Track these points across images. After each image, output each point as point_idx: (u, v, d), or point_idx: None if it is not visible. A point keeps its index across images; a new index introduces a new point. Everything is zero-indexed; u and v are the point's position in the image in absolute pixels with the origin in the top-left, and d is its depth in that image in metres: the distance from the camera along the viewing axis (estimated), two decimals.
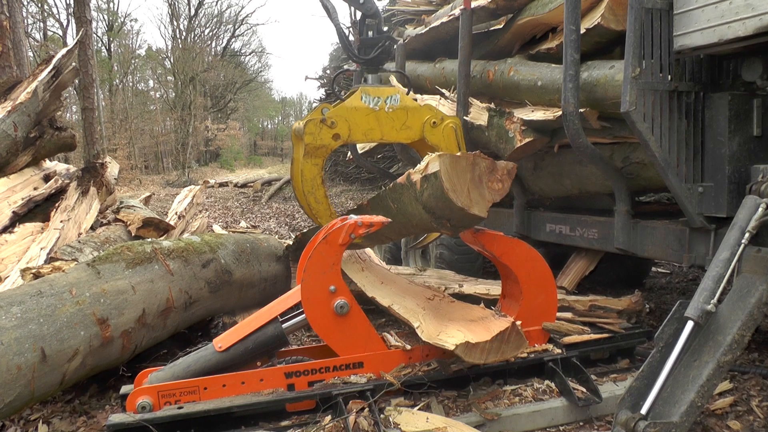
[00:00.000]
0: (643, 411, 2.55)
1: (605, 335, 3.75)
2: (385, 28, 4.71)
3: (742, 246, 2.78)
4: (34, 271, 3.85)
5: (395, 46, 6.72)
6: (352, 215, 3.38)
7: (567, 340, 3.61)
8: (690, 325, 2.67)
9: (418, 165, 3.38)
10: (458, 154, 3.13)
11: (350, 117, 4.40)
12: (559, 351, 3.54)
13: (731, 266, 2.75)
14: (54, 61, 6.37)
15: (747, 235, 2.79)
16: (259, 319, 3.35)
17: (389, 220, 3.45)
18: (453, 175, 3.07)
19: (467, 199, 3.09)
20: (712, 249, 3.64)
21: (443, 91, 6.06)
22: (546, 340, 3.67)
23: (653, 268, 6.85)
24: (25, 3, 28.06)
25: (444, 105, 5.94)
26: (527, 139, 4.75)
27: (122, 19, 37.92)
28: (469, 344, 3.06)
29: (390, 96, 4.55)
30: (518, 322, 3.25)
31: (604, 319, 3.99)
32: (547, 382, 3.42)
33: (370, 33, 4.66)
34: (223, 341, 3.27)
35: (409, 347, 3.42)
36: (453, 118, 4.76)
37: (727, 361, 2.57)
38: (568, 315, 4.00)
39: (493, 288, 4.68)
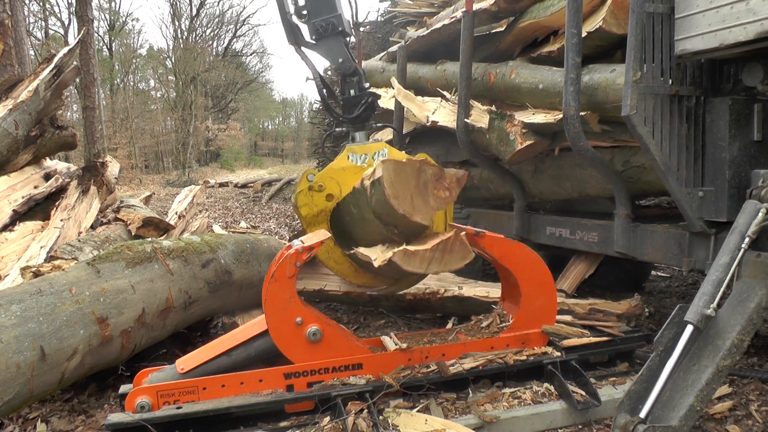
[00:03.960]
0: (642, 414, 2.55)
1: (605, 338, 3.75)
2: (367, 85, 4.67)
3: (742, 251, 2.78)
4: (33, 269, 3.86)
5: (397, 48, 6.74)
6: (294, 240, 3.36)
7: (566, 343, 3.61)
8: (689, 329, 2.67)
9: (369, 170, 3.36)
10: (404, 160, 3.12)
11: (338, 177, 4.30)
12: (559, 354, 3.54)
13: (731, 271, 2.75)
14: (55, 59, 6.37)
15: (747, 239, 2.79)
16: (223, 344, 3.33)
17: (329, 235, 3.46)
18: (396, 181, 3.07)
19: (410, 207, 3.09)
20: (712, 253, 3.65)
21: (444, 93, 6.07)
22: (545, 342, 3.67)
23: (653, 272, 6.85)
24: (27, 1, 28.08)
25: (445, 107, 5.95)
26: (528, 142, 4.75)
27: (124, 19, 37.99)
28: (407, 251, 3.04)
29: (377, 151, 4.46)
30: (462, 233, 3.19)
31: (604, 322, 3.99)
32: (546, 384, 3.42)
33: (352, 91, 4.62)
34: (185, 363, 3.25)
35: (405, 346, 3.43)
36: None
37: (727, 365, 2.57)
38: (568, 318, 4.00)
39: (493, 290, 4.68)
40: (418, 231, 3.31)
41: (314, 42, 4.62)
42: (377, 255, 3.38)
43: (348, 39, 4.68)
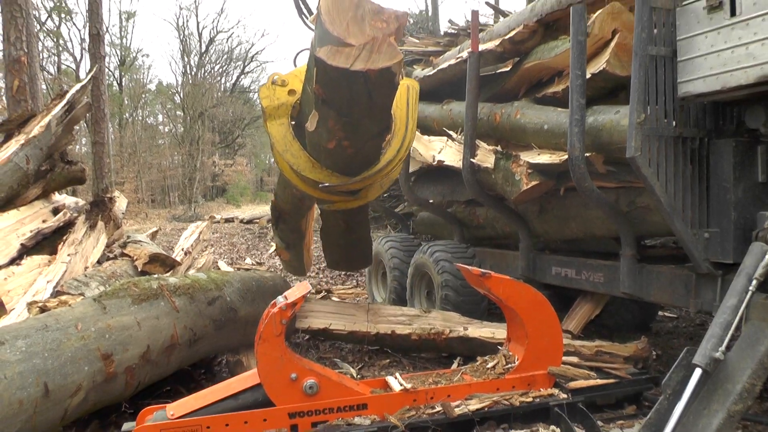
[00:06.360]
0: None
1: (612, 380, 3.73)
2: None
3: (749, 293, 2.77)
4: (40, 304, 3.87)
5: None
6: (279, 298, 3.38)
7: (573, 384, 3.58)
8: (698, 372, 2.65)
9: None
10: None
11: (302, 76, 4.33)
12: (565, 396, 3.51)
13: (739, 313, 2.74)
14: (68, 96, 6.48)
15: (754, 282, 2.78)
16: (215, 394, 3.32)
17: (310, 289, 3.46)
18: (333, 11, 3.12)
19: (345, 32, 3.10)
20: (719, 295, 3.63)
21: (450, 132, 6.12)
22: (551, 384, 3.64)
23: (660, 312, 6.80)
24: (42, 38, 28.62)
25: (451, 146, 6.00)
26: (533, 182, 4.77)
27: (134, 54, 38.55)
28: (332, 48, 3.04)
29: None
30: (392, 37, 3.18)
31: (611, 364, 3.96)
32: (552, 427, 3.38)
33: None
34: (176, 409, 3.21)
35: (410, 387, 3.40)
36: (410, 80, 4.70)
37: (738, 410, 2.54)
38: (574, 359, 3.97)
39: (498, 331, 4.66)
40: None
41: None
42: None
43: None
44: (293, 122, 4.44)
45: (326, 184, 4.30)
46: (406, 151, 4.46)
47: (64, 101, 6.38)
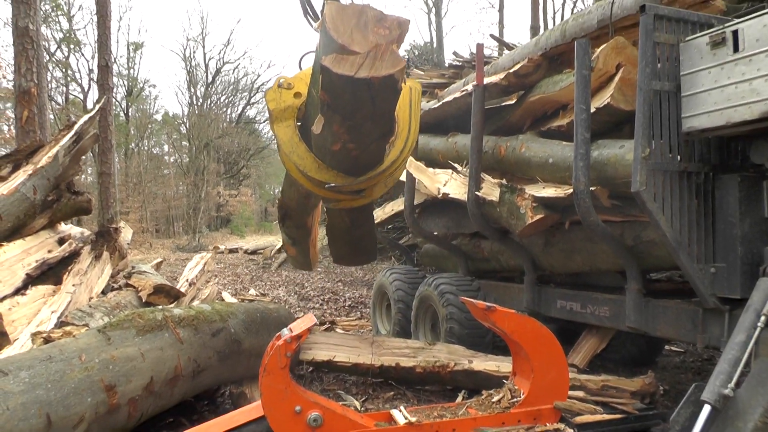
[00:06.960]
0: None
1: (619, 416, 3.68)
2: None
3: (758, 329, 2.75)
4: (44, 335, 3.86)
5: None
6: (284, 330, 3.37)
7: (579, 419, 3.54)
8: (707, 409, 2.62)
9: None
10: (346, 4, 3.31)
11: (308, 80, 4.42)
12: (571, 430, 3.46)
13: (748, 349, 2.72)
14: (76, 126, 6.54)
15: (763, 318, 2.77)
16: (218, 427, 3.29)
17: (315, 322, 3.46)
18: (338, 19, 3.24)
19: (349, 39, 3.23)
20: (727, 330, 3.60)
21: (455, 165, 6.15)
22: (557, 419, 3.60)
23: (666, 346, 6.74)
24: (51, 68, 29.00)
25: (456, 179, 6.02)
26: (538, 216, 4.78)
27: (141, 85, 38.92)
28: (337, 56, 3.11)
29: None
30: (394, 45, 3.27)
31: (617, 399, 3.92)
32: None
33: None
34: None
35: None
36: (412, 81, 4.78)
37: None
38: (580, 394, 3.93)
39: (503, 364, 4.63)
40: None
41: None
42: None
43: None
44: (299, 123, 4.54)
45: (332, 184, 4.39)
46: (410, 151, 4.57)
47: (72, 132, 6.44)
